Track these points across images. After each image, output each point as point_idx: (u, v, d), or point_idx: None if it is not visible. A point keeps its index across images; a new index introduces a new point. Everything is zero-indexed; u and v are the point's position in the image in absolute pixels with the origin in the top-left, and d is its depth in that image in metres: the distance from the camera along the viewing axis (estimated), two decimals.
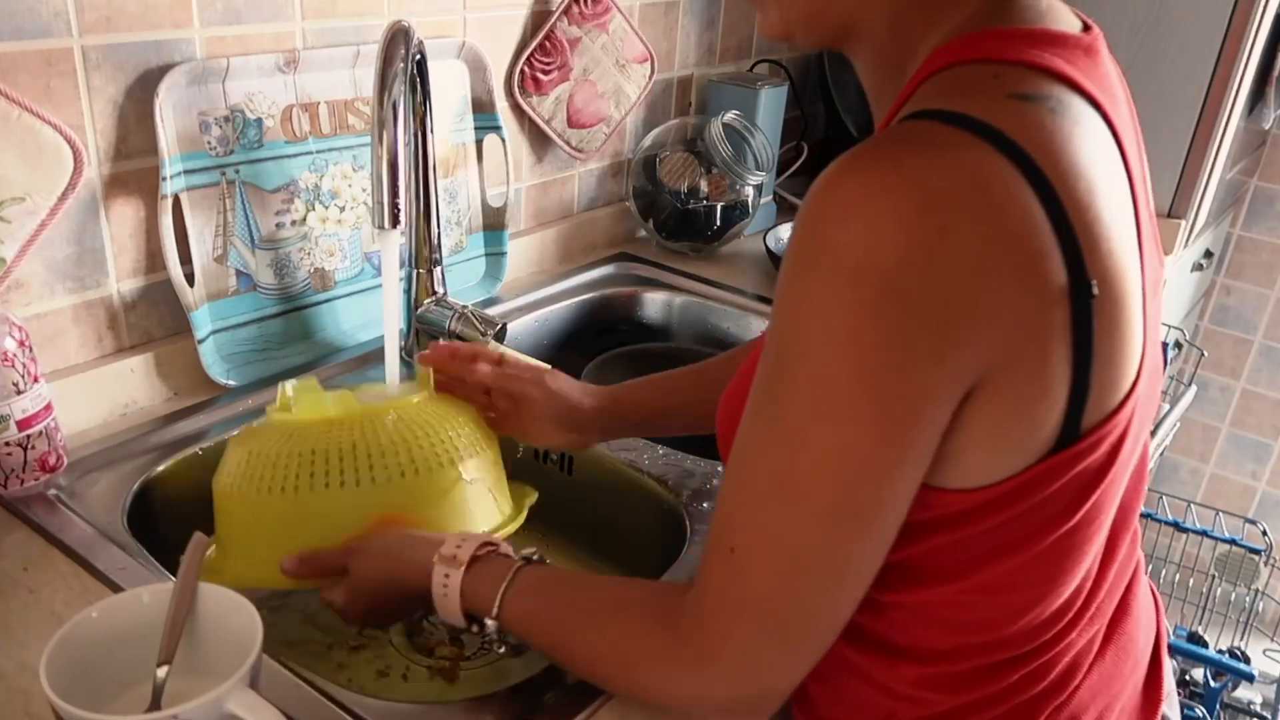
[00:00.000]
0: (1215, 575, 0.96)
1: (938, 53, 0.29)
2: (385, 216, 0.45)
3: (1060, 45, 0.29)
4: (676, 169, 0.81)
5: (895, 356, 0.25)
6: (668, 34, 0.82)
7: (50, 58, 0.46)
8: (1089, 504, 0.29)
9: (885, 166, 0.25)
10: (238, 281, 0.56)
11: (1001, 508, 0.28)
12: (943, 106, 0.26)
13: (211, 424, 0.52)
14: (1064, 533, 0.29)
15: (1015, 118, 0.26)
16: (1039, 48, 0.28)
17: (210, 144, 0.53)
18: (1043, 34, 0.29)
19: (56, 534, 0.43)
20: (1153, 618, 0.38)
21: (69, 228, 0.50)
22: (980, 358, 0.26)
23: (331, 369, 0.59)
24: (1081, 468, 0.28)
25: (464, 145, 0.67)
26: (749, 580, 0.28)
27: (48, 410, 0.46)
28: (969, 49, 0.28)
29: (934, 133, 0.26)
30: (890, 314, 0.24)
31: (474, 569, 0.35)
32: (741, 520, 0.28)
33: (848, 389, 0.25)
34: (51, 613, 0.39)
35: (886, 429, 0.26)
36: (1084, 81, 0.28)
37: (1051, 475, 0.28)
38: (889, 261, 0.24)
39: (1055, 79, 0.28)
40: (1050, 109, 0.27)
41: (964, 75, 0.28)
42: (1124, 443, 0.29)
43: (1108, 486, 0.30)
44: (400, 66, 0.45)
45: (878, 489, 0.26)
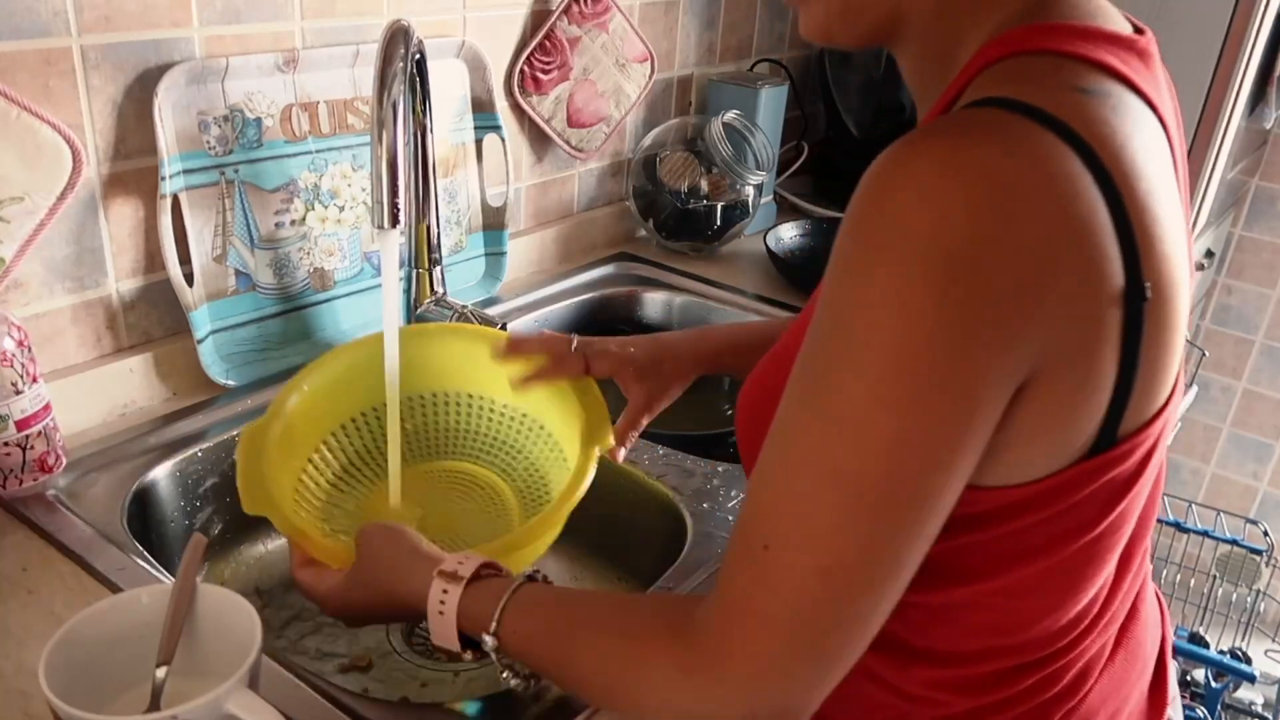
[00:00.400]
0: (1216, 576, 0.96)
1: (993, 43, 0.28)
2: (385, 216, 0.45)
3: (1115, 44, 0.28)
4: (676, 169, 0.81)
5: (963, 341, 0.24)
6: (668, 33, 0.82)
7: (49, 57, 0.46)
8: (1115, 513, 0.29)
9: (952, 148, 0.24)
10: (237, 281, 0.56)
11: (1032, 510, 0.27)
12: (1008, 95, 0.25)
13: (211, 424, 0.52)
14: (1089, 540, 0.29)
15: (1079, 111, 0.25)
16: (1096, 44, 0.27)
17: (209, 143, 0.53)
18: (1097, 32, 0.28)
19: (55, 534, 0.43)
20: (1159, 621, 0.37)
21: (68, 227, 0.49)
22: (1036, 351, 0.25)
23: None
24: (1112, 475, 0.28)
25: (464, 145, 0.67)
26: (783, 581, 0.25)
27: (46, 410, 0.45)
28: (1028, 40, 0.27)
29: (1000, 120, 0.25)
30: (958, 296, 0.23)
31: (473, 587, 0.33)
32: (784, 514, 0.26)
33: (914, 373, 0.24)
34: (50, 613, 0.39)
35: (951, 417, 0.24)
36: (1139, 81, 0.28)
37: (1083, 481, 0.27)
38: (958, 242, 0.23)
39: (1113, 76, 0.27)
40: (1111, 106, 0.26)
41: (1025, 66, 0.27)
42: (1154, 452, 0.29)
43: (1134, 496, 0.29)
44: (400, 66, 0.45)
45: (936, 481, 0.25)
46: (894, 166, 0.25)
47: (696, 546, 0.46)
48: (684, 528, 0.48)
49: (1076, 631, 0.31)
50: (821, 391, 0.26)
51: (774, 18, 0.93)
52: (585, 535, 0.57)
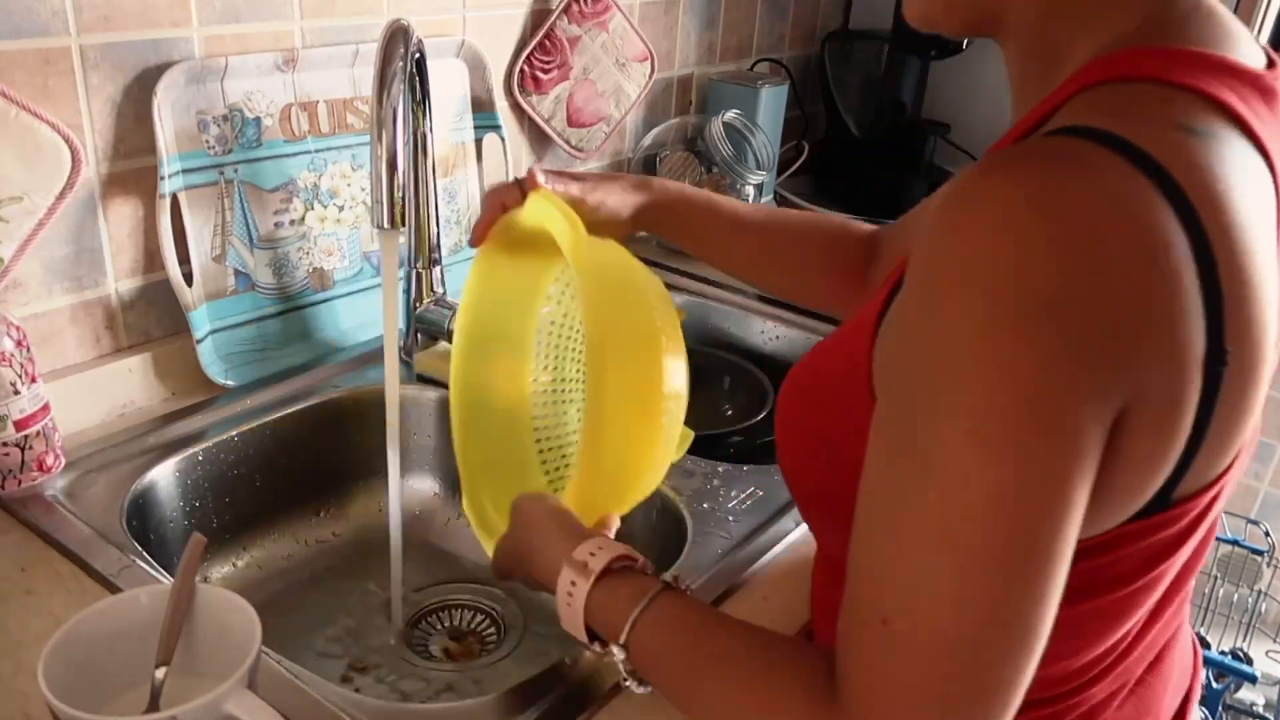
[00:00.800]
0: (1217, 576, 0.95)
1: (1099, 62, 0.26)
2: (385, 216, 0.45)
3: (1238, 79, 0.25)
4: (676, 168, 0.81)
5: (1058, 384, 0.22)
6: (668, 33, 0.82)
7: (48, 56, 0.46)
8: (1156, 571, 0.27)
9: (1034, 184, 0.22)
10: (236, 281, 0.55)
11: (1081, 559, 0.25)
12: (1101, 126, 0.24)
13: (210, 424, 0.52)
14: (1123, 594, 0.28)
15: (1179, 154, 0.23)
16: (1216, 77, 0.25)
17: (209, 143, 0.53)
18: (1220, 63, 0.25)
19: (54, 535, 0.43)
20: (1187, 673, 0.35)
21: (67, 227, 0.49)
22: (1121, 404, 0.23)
23: (330, 369, 0.59)
24: (1160, 536, 0.26)
25: (463, 144, 0.67)
26: (913, 655, 0.23)
27: (45, 411, 0.45)
28: (1138, 65, 0.25)
29: (1090, 156, 0.23)
30: (1051, 338, 0.22)
31: (605, 583, 0.31)
32: (897, 584, 0.24)
33: (1011, 418, 0.22)
34: (49, 614, 0.38)
35: (1056, 463, 0.22)
36: (1255, 124, 0.25)
37: (1131, 539, 0.26)
38: (1045, 283, 0.22)
39: (1225, 115, 0.25)
40: (1218, 153, 0.24)
41: (1129, 95, 0.25)
42: (1209, 514, 0.27)
43: (1181, 554, 0.28)
44: (399, 66, 0.45)
45: (1052, 532, 0.23)
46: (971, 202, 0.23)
47: (696, 547, 0.46)
48: (684, 528, 0.48)
49: (1087, 677, 0.30)
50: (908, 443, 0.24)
51: (774, 17, 0.93)
52: None
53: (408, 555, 0.49)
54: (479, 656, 0.49)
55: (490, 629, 0.51)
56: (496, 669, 0.48)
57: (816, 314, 0.72)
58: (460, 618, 0.52)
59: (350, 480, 0.58)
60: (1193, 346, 0.24)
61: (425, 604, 0.52)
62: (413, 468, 0.59)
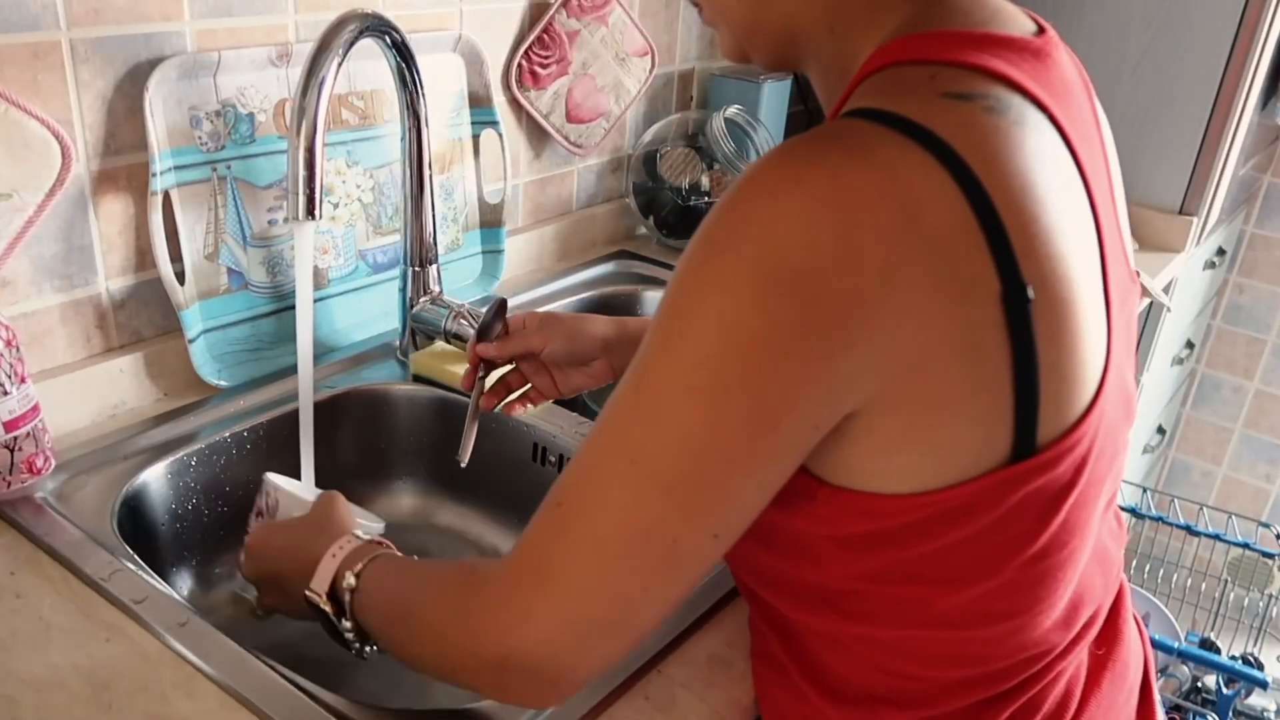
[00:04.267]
0: (1228, 580, 0.94)
1: (876, 54, 0.28)
2: (301, 208, 0.43)
3: (1005, 47, 0.28)
4: (677, 165, 0.80)
5: (780, 349, 0.24)
6: (668, 27, 0.81)
7: (38, 51, 0.46)
8: (1055, 525, 0.28)
9: (803, 160, 0.25)
10: (229, 280, 0.55)
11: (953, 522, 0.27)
12: (873, 105, 0.26)
13: (202, 425, 0.52)
14: (1030, 557, 0.28)
15: (947, 116, 0.25)
16: (980, 49, 0.27)
17: (201, 139, 0.52)
18: (985, 36, 0.28)
19: (44, 538, 0.42)
20: (1139, 641, 0.37)
21: (57, 225, 0.49)
22: (883, 355, 0.25)
23: (325, 369, 0.58)
24: (1039, 484, 0.27)
25: (460, 140, 0.66)
26: (562, 540, 0.26)
27: (35, 411, 0.45)
28: (906, 50, 0.28)
29: (859, 130, 0.25)
30: (782, 307, 0.24)
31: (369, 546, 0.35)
32: (577, 479, 0.27)
33: (724, 371, 0.24)
34: (39, 618, 0.38)
35: (756, 417, 0.25)
36: (1027, 83, 0.27)
37: (1003, 490, 0.27)
38: (790, 254, 0.24)
39: (995, 79, 0.27)
40: (986, 107, 0.26)
41: (899, 75, 0.27)
42: (1088, 461, 0.28)
43: (1076, 508, 0.28)
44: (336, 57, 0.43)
45: (729, 476, 0.25)
46: (748, 178, 0.25)
47: None
48: None
49: (1051, 656, 0.30)
50: (641, 373, 0.26)
51: None
52: None
53: None
54: None
55: None
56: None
57: None
58: None
59: (345, 480, 0.57)
60: (977, 285, 0.25)
61: None
62: (407, 468, 0.58)
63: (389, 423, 0.58)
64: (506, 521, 0.57)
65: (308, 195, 0.43)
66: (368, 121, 0.60)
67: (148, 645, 0.37)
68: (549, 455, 0.55)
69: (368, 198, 0.61)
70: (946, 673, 0.30)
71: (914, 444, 0.26)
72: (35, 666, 0.35)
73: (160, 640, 0.37)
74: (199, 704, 0.34)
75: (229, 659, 0.36)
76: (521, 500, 0.57)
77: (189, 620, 0.38)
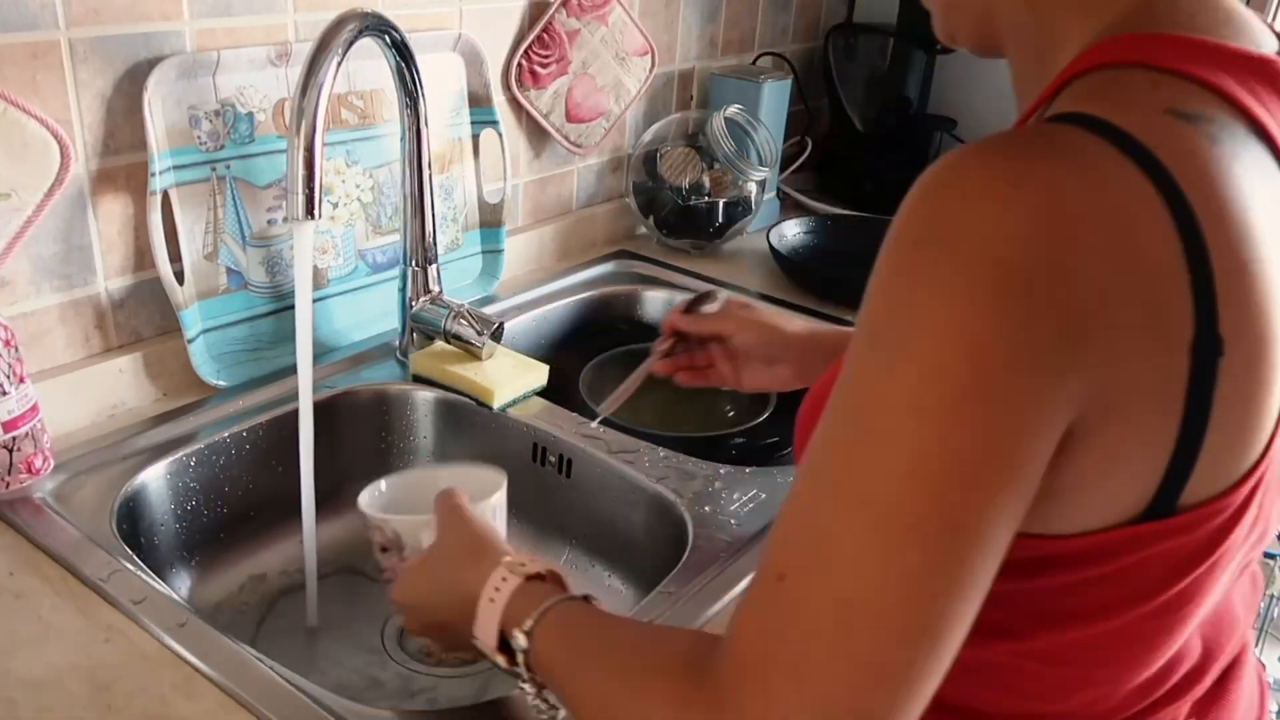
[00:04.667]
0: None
1: (1091, 50, 0.25)
2: (300, 207, 0.43)
3: (1239, 64, 0.25)
4: (677, 164, 0.79)
5: (1016, 356, 0.21)
6: (668, 26, 0.81)
7: (37, 50, 0.45)
8: (1181, 586, 0.25)
9: (1014, 161, 0.22)
10: (228, 279, 0.55)
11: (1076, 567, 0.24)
12: (1088, 111, 0.23)
13: (201, 425, 0.51)
14: (1146, 614, 0.25)
15: (1168, 138, 0.23)
16: (1211, 61, 0.25)
17: (200, 139, 0.52)
18: (1217, 48, 0.25)
19: (43, 539, 0.42)
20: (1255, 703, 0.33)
21: (56, 224, 0.49)
22: (1090, 388, 0.22)
23: (324, 369, 0.58)
24: (1171, 545, 0.24)
25: (460, 140, 0.66)
26: (798, 614, 0.21)
27: (34, 412, 0.45)
28: (1127, 50, 0.25)
29: (1073, 138, 0.23)
30: (1016, 309, 0.21)
31: (530, 584, 0.31)
32: (798, 538, 0.22)
33: (959, 382, 0.21)
34: (38, 619, 0.38)
35: (998, 438, 0.21)
36: (1256, 109, 0.24)
37: (1133, 545, 0.24)
38: (1018, 253, 0.21)
39: (1220, 99, 0.24)
40: (1209, 134, 0.23)
41: (1117, 80, 0.24)
42: (1238, 524, 0.25)
43: (1210, 570, 0.26)
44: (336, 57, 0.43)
45: (981, 509, 0.21)
46: (950, 173, 0.23)
47: (697, 550, 0.45)
48: (685, 531, 0.47)
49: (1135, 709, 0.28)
50: (858, 404, 0.23)
51: (777, 10, 0.92)
52: (584, 539, 0.56)
53: None
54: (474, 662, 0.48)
55: None
56: (496, 674, 0.47)
57: (821, 314, 0.71)
58: None
59: (345, 481, 0.57)
60: (1175, 331, 0.22)
61: None
62: (407, 469, 0.58)
63: (388, 423, 0.58)
64: (506, 521, 0.57)
65: (307, 195, 0.43)
66: (367, 121, 0.60)
67: (147, 646, 0.37)
68: (549, 455, 0.55)
69: (367, 197, 0.61)
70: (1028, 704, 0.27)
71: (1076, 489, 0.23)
72: (34, 667, 0.35)
73: (159, 641, 0.37)
74: (198, 705, 0.34)
75: (228, 660, 0.36)
76: (521, 500, 0.57)
77: (188, 621, 0.37)
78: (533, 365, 0.58)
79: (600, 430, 0.54)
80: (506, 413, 0.56)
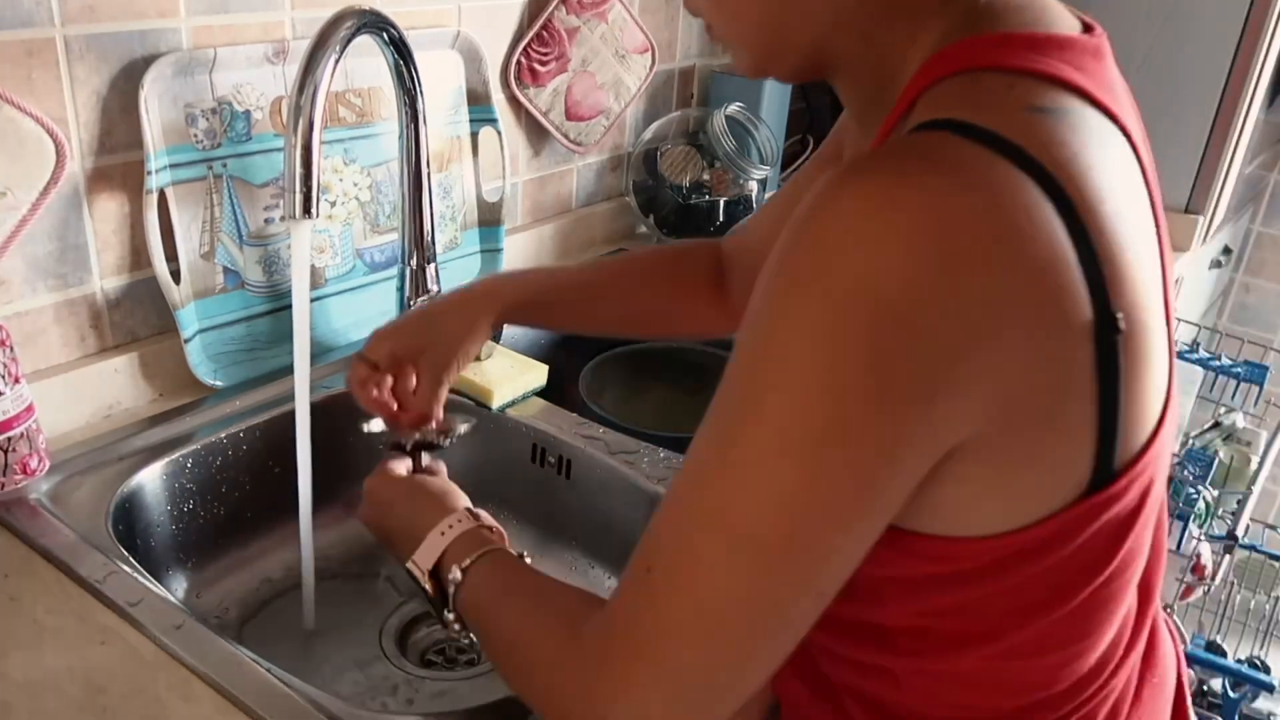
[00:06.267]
0: (1234, 582, 0.93)
1: (935, 60, 0.26)
2: (298, 206, 0.43)
3: (1068, 50, 0.26)
4: (678, 163, 0.79)
5: (880, 396, 0.22)
6: (669, 23, 0.80)
7: (32, 48, 0.45)
8: (1123, 552, 0.27)
9: (893, 181, 0.22)
10: (225, 279, 0.54)
11: (1030, 559, 0.26)
12: (957, 117, 0.24)
13: (198, 426, 0.51)
14: (1098, 585, 0.27)
15: (1035, 134, 0.23)
16: (1048, 55, 0.26)
17: (197, 137, 0.52)
18: (1047, 39, 0.26)
19: (38, 540, 0.42)
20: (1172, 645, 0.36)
21: (51, 223, 0.48)
22: (984, 399, 0.23)
23: (322, 369, 0.58)
24: (1113, 514, 0.26)
25: (458, 138, 0.66)
26: (660, 610, 0.25)
27: (29, 412, 0.44)
28: (975, 55, 0.26)
29: (948, 146, 0.23)
30: (882, 348, 0.22)
31: (479, 530, 0.35)
32: (667, 542, 0.25)
33: (820, 426, 0.22)
34: (33, 621, 0.37)
35: (857, 474, 0.23)
36: (1098, 92, 0.26)
37: (1083, 521, 0.25)
38: (888, 290, 0.22)
39: (1069, 90, 0.25)
40: (1071, 125, 0.24)
41: (974, 84, 0.25)
42: (1154, 483, 0.27)
43: (1140, 530, 0.27)
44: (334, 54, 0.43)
45: (830, 535, 0.24)
46: (828, 202, 0.23)
47: None
48: None
49: (1105, 673, 0.29)
50: (726, 427, 0.24)
51: None
52: (584, 540, 0.55)
53: None
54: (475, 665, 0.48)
55: None
56: (493, 677, 0.47)
57: None
58: None
59: (343, 481, 0.56)
60: (1077, 320, 0.23)
61: (419, 611, 0.51)
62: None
63: None
64: (505, 522, 0.57)
65: (304, 193, 0.43)
66: (365, 119, 0.59)
67: (143, 648, 0.36)
68: (549, 455, 0.55)
69: (365, 196, 0.60)
70: (1005, 701, 0.28)
71: (1002, 489, 0.25)
72: (30, 669, 0.35)
73: (156, 643, 0.36)
74: (195, 707, 0.34)
75: (225, 662, 0.36)
76: (522, 500, 0.57)
77: (184, 623, 0.37)
78: (532, 365, 0.58)
79: (600, 431, 0.54)
80: (505, 413, 0.56)
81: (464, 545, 0.34)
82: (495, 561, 0.33)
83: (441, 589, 0.33)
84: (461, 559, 0.33)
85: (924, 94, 0.26)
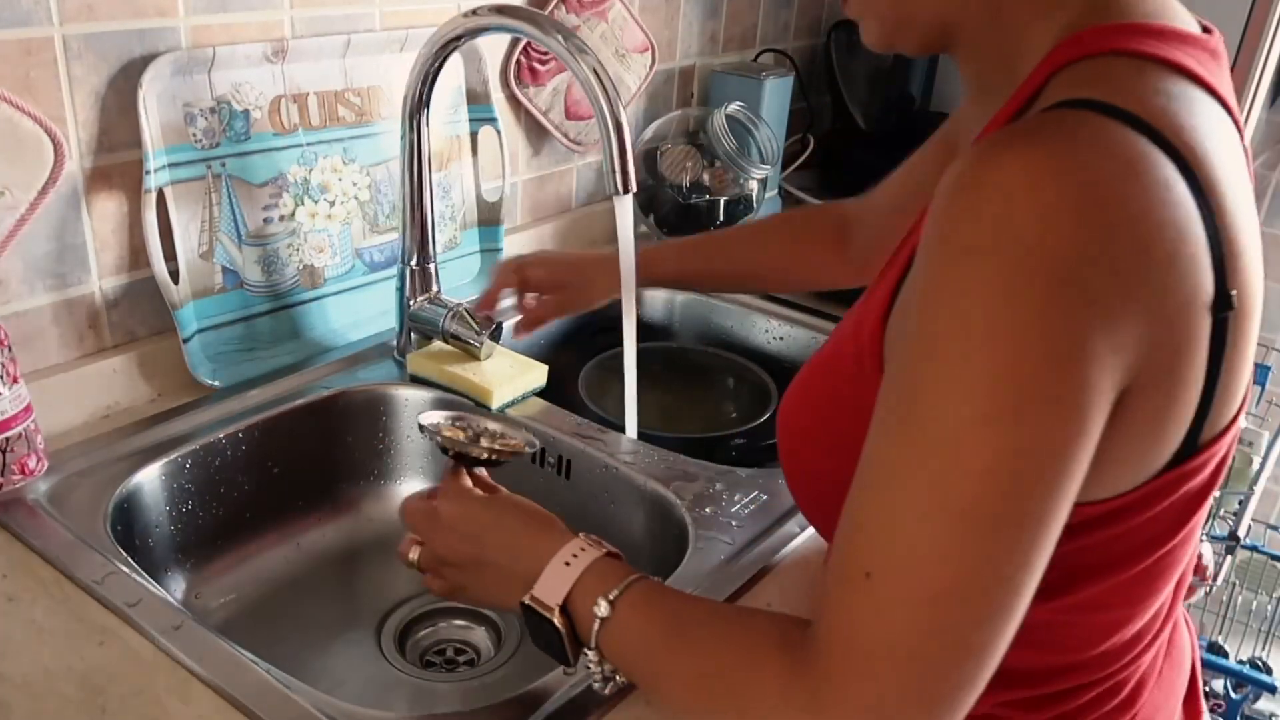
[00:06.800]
0: (1236, 583, 0.93)
1: (1066, 43, 0.27)
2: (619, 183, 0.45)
3: (1189, 45, 0.27)
4: (678, 162, 0.79)
5: (1070, 351, 0.23)
6: (669, 23, 0.80)
7: (30, 47, 0.45)
8: (1189, 524, 0.28)
9: (1050, 149, 0.23)
10: (224, 279, 0.54)
11: (1116, 523, 0.27)
12: (1095, 97, 0.25)
13: (197, 426, 0.51)
14: (1164, 553, 0.28)
15: (1164, 116, 0.25)
16: (1171, 45, 0.27)
17: (196, 136, 0.52)
18: (1173, 32, 0.27)
19: (36, 540, 0.42)
20: (1189, 638, 0.38)
21: (49, 223, 0.48)
22: (1134, 361, 0.24)
23: (320, 369, 0.57)
24: (1190, 486, 0.27)
25: (458, 138, 0.66)
26: (893, 612, 0.24)
27: (27, 412, 0.44)
28: (1105, 41, 0.27)
29: (1093, 123, 0.24)
30: (1065, 304, 0.22)
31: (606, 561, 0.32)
32: (885, 539, 0.24)
33: (1017, 386, 0.23)
34: (30, 621, 0.37)
35: (1058, 431, 0.23)
36: (1216, 85, 0.27)
37: (1165, 491, 0.27)
38: (1064, 247, 0.22)
39: (1193, 80, 0.27)
40: (1194, 112, 0.26)
41: (1105, 68, 0.26)
42: (1226, 461, 0.28)
43: (1204, 506, 0.29)
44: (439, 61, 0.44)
45: (1046, 500, 0.23)
46: (987, 171, 0.23)
47: (698, 552, 0.45)
48: (685, 533, 0.47)
49: (1140, 646, 0.31)
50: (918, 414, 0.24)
51: (778, 6, 0.91)
52: None
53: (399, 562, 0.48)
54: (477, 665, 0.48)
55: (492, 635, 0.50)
56: (493, 678, 0.47)
57: (821, 312, 0.70)
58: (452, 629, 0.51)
59: (342, 482, 0.56)
60: (1202, 294, 0.25)
61: (418, 612, 0.51)
62: (404, 470, 0.58)
63: (386, 423, 0.57)
64: None
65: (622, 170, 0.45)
66: (365, 119, 0.59)
67: (142, 649, 0.36)
68: (548, 456, 0.55)
69: (364, 195, 0.60)
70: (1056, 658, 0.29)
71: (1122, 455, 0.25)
72: (28, 670, 0.35)
73: (154, 644, 0.36)
74: (194, 708, 0.34)
75: (224, 663, 0.35)
76: None
77: (183, 623, 0.37)
78: (531, 365, 0.58)
79: (600, 431, 0.54)
80: (505, 413, 0.55)
81: (600, 576, 0.31)
82: (647, 591, 0.30)
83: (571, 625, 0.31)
84: (604, 591, 0.30)
85: (1056, 74, 0.27)
